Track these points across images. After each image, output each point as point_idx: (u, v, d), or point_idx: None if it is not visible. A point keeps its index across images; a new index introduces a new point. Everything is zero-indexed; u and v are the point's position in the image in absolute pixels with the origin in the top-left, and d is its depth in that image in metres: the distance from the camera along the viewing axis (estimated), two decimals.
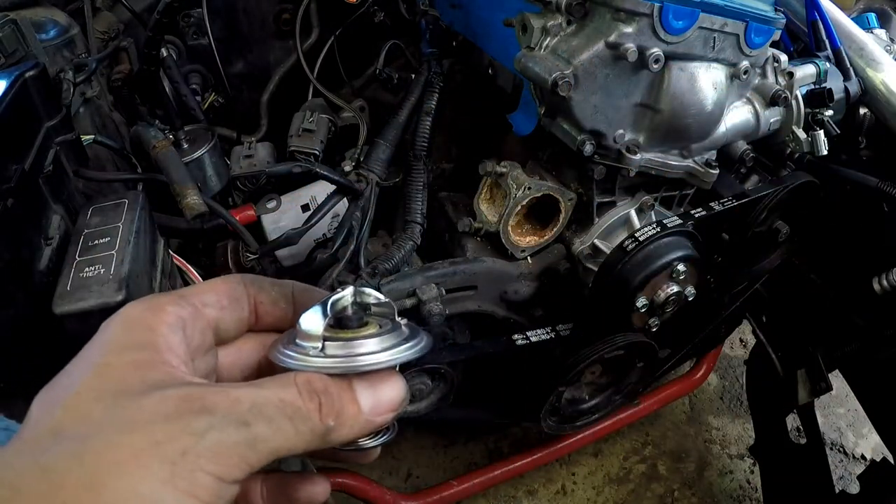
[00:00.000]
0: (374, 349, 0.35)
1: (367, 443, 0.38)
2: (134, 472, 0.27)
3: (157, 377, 0.32)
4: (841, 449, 1.78)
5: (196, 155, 1.11)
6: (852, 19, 1.22)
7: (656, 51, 0.83)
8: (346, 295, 0.37)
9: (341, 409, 0.33)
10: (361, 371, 0.34)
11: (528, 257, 1.08)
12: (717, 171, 1.00)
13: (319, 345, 0.34)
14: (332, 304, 0.36)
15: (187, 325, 0.36)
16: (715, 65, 0.93)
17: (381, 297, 0.38)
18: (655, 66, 0.84)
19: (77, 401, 0.30)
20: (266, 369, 0.40)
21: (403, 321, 0.38)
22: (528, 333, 0.98)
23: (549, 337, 0.98)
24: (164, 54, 1.14)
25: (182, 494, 0.27)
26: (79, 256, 0.66)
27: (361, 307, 0.37)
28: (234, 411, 0.30)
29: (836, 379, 1.29)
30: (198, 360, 0.37)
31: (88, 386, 0.31)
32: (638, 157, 0.93)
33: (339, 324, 0.36)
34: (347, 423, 0.33)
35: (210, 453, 0.29)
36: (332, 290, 0.38)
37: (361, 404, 0.34)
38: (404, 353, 0.35)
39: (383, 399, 0.35)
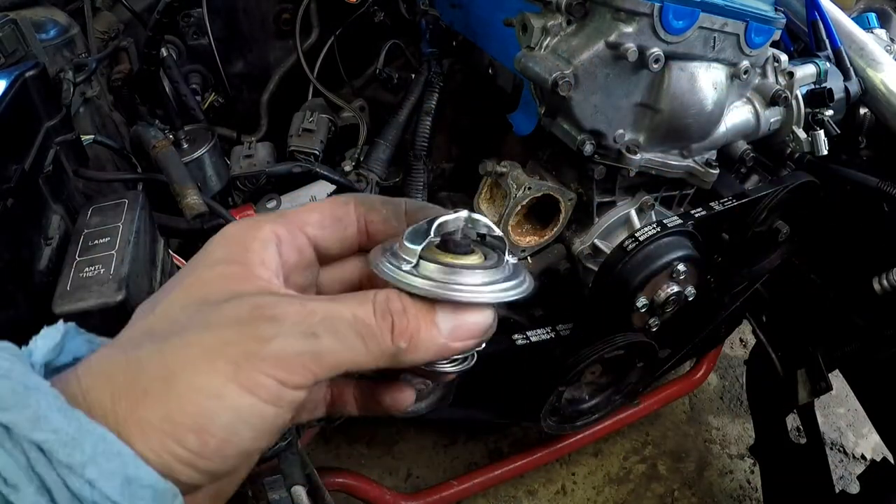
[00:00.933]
0: (473, 281, 0.33)
1: (445, 367, 0.37)
2: (202, 367, 0.30)
3: (242, 288, 0.33)
4: (841, 449, 1.78)
5: (196, 155, 1.11)
6: (852, 19, 1.22)
7: (656, 51, 0.83)
8: (457, 218, 0.35)
9: (416, 331, 0.33)
10: (454, 301, 0.33)
11: (529, 257, 1.08)
12: (717, 171, 1.00)
13: (415, 261, 0.34)
14: (440, 225, 0.34)
15: (283, 241, 0.37)
16: (715, 65, 0.93)
17: (495, 228, 0.36)
18: (655, 66, 0.84)
19: (167, 307, 0.33)
20: (367, 287, 0.40)
21: (512, 259, 0.36)
22: (528, 333, 0.98)
23: (549, 337, 0.98)
24: (164, 54, 1.14)
25: (242, 391, 0.29)
26: (79, 256, 0.66)
27: (470, 234, 0.36)
28: (304, 322, 0.31)
29: (836, 379, 1.29)
30: (295, 276, 0.38)
31: (179, 295, 0.33)
32: (638, 156, 0.92)
33: (445, 246, 0.35)
34: (422, 346, 0.33)
35: (274, 358, 0.30)
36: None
37: (441, 328, 0.34)
38: (504, 292, 0.34)
39: (465, 325, 0.34)
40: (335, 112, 1.37)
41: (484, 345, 0.37)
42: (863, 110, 1.18)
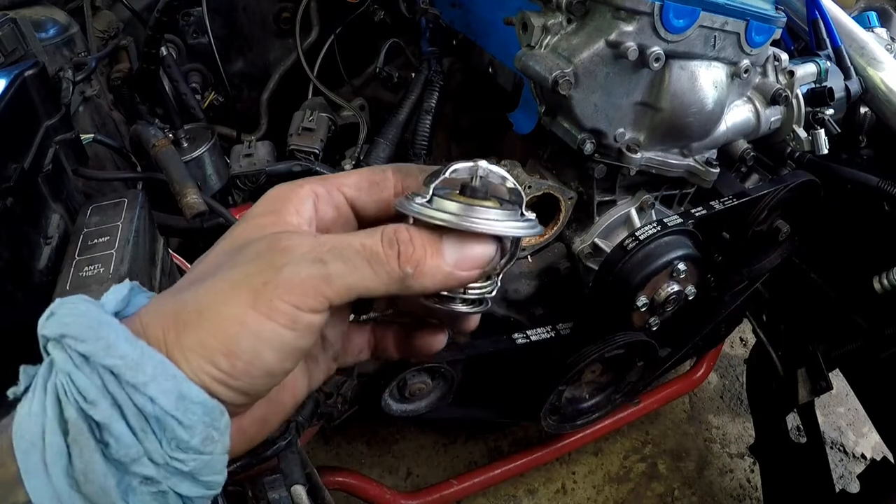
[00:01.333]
0: (480, 216, 0.37)
1: (459, 307, 0.40)
2: (228, 298, 0.34)
3: (271, 230, 0.37)
4: (841, 448, 1.78)
5: (196, 154, 1.11)
6: (853, 18, 1.22)
7: (657, 49, 0.83)
8: (472, 167, 0.38)
9: (422, 258, 0.36)
10: (466, 230, 0.36)
11: (529, 256, 1.08)
12: (717, 170, 1.00)
13: (428, 196, 0.37)
14: (453, 168, 0.38)
15: (320, 198, 0.41)
16: (716, 63, 0.93)
17: (510, 179, 0.39)
18: (656, 65, 0.83)
19: (211, 255, 0.39)
20: None
21: (531, 214, 0.39)
22: (529, 332, 0.98)
23: (549, 336, 0.98)
24: (164, 53, 1.14)
25: (262, 317, 0.33)
26: (78, 255, 0.66)
27: (489, 186, 0.39)
28: (313, 251, 0.35)
29: (837, 378, 1.29)
30: (334, 232, 0.41)
31: (222, 245, 0.39)
32: (638, 155, 0.92)
33: (464, 192, 0.38)
34: (428, 273, 0.36)
35: (286, 284, 0.33)
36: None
37: (446, 257, 0.37)
38: (510, 227, 0.37)
39: (469, 254, 0.37)
40: (335, 111, 1.37)
41: (495, 289, 0.41)
42: (863, 109, 1.18)
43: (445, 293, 0.40)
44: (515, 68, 0.90)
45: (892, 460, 1.17)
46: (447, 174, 0.38)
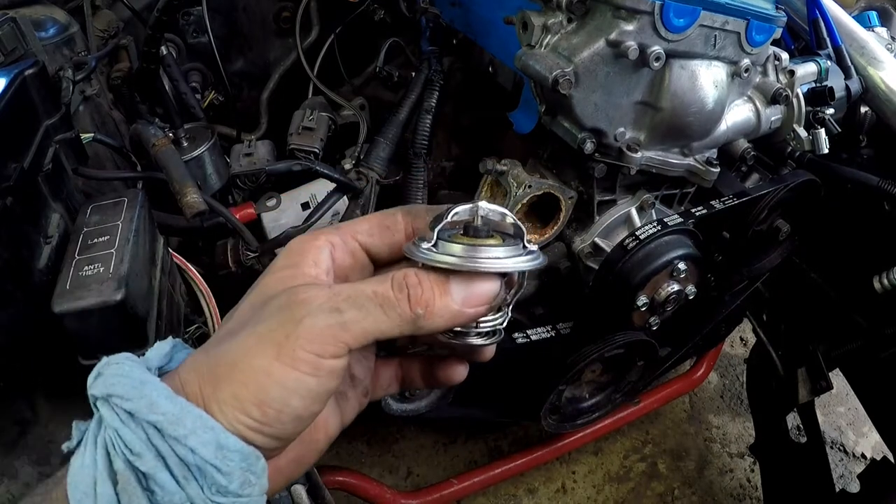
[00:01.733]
0: (485, 255, 0.39)
1: (478, 340, 0.43)
2: (255, 352, 0.37)
3: (291, 284, 0.40)
4: (841, 447, 1.78)
5: (196, 153, 1.11)
6: (853, 17, 1.22)
7: (657, 49, 0.83)
8: (473, 206, 0.41)
9: (431, 299, 0.39)
10: (470, 271, 0.39)
11: None
12: (717, 170, 1.00)
13: (433, 240, 0.39)
14: (455, 212, 0.40)
15: (336, 247, 0.44)
16: (716, 63, 0.93)
17: (510, 215, 0.42)
18: (656, 64, 0.83)
19: (239, 310, 0.42)
20: None
21: (533, 246, 0.41)
22: (529, 332, 0.98)
23: (549, 335, 0.98)
24: (164, 52, 1.14)
25: (286, 367, 0.36)
26: (78, 255, 0.66)
27: (490, 224, 0.41)
28: (329, 301, 0.37)
29: (837, 378, 1.29)
30: (352, 277, 0.45)
31: (249, 299, 0.42)
32: (639, 155, 0.92)
33: (467, 232, 0.40)
34: (438, 312, 0.39)
35: (307, 335, 0.36)
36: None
37: (454, 296, 0.39)
38: (510, 262, 0.39)
39: (476, 292, 0.40)
40: (335, 110, 1.37)
41: (506, 320, 0.43)
42: (863, 109, 1.18)
43: (459, 329, 0.42)
44: (516, 68, 0.90)
45: (892, 460, 1.17)
46: (449, 218, 0.40)
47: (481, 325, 0.42)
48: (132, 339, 0.65)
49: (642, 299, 0.91)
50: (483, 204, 0.41)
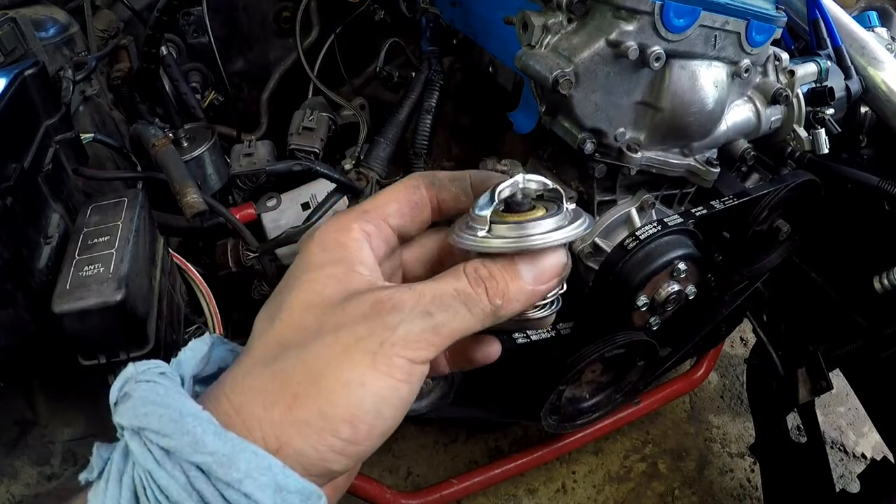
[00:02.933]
0: (540, 230, 0.38)
1: (539, 313, 0.43)
2: (343, 363, 0.33)
3: (353, 286, 0.37)
4: (841, 448, 1.78)
5: (196, 153, 1.11)
6: (853, 17, 1.22)
7: (657, 49, 0.82)
8: (514, 182, 0.40)
9: (506, 287, 0.38)
10: (532, 249, 0.38)
11: None
12: (717, 170, 1.00)
13: (487, 227, 0.38)
14: (500, 191, 0.39)
15: (372, 237, 0.41)
16: (716, 63, 0.93)
17: (549, 183, 0.41)
18: (656, 65, 0.83)
19: (290, 314, 0.37)
20: (445, 258, 0.46)
21: (571, 206, 0.41)
22: (529, 332, 0.98)
23: (549, 335, 0.98)
24: (164, 52, 1.14)
25: (381, 375, 0.34)
26: (78, 255, 0.66)
27: (529, 194, 0.40)
28: (418, 305, 0.36)
29: (837, 378, 1.29)
30: (385, 263, 0.43)
31: (298, 300, 0.37)
32: (639, 155, 0.92)
33: (509, 208, 0.40)
34: (514, 298, 0.38)
35: (403, 341, 0.34)
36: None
37: (524, 278, 0.38)
38: (569, 231, 0.39)
39: (545, 268, 0.39)
40: (335, 110, 1.37)
41: (565, 286, 0.43)
42: (864, 109, 1.17)
43: None
44: (516, 68, 0.90)
45: (892, 460, 1.16)
46: (497, 200, 0.39)
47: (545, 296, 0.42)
48: (132, 340, 0.65)
49: (642, 299, 0.91)
50: (522, 176, 0.40)
